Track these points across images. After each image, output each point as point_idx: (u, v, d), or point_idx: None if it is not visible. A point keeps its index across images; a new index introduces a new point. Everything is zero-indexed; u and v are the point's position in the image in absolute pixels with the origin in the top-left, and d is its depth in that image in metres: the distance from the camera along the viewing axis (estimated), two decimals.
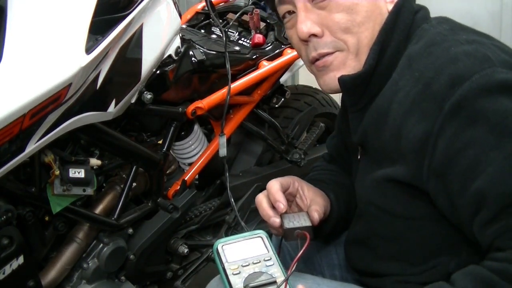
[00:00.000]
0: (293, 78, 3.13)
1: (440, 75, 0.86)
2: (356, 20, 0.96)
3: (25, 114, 1.01)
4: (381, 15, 0.98)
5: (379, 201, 0.99)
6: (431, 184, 0.89)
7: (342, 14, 0.95)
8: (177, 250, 1.62)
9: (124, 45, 1.25)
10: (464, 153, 0.83)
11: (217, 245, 0.96)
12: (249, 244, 0.95)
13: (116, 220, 1.42)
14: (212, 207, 1.75)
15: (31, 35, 1.05)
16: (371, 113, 0.99)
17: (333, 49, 0.98)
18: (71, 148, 1.33)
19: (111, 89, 1.25)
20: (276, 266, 0.91)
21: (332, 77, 1.00)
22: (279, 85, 1.87)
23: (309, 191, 1.08)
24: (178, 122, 1.56)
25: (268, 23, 1.86)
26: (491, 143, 0.81)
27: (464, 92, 0.82)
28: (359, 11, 0.95)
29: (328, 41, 0.98)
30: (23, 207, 1.24)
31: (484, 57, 0.85)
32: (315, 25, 0.97)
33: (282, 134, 1.91)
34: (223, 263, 0.92)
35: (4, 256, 1.17)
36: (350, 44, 0.97)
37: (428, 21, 0.99)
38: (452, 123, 0.84)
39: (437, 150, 0.86)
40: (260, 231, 0.99)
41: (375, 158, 0.99)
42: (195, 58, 1.52)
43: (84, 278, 1.44)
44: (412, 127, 0.88)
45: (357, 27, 0.96)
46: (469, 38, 0.91)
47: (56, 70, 1.06)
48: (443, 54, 0.88)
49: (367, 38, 0.97)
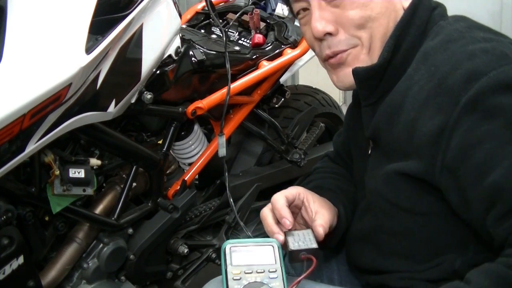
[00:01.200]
0: (293, 78, 3.13)
1: (456, 69, 0.86)
2: (371, 16, 0.96)
3: (25, 114, 1.01)
4: (395, 12, 0.98)
5: (389, 195, 0.98)
6: (443, 178, 0.88)
7: (356, 11, 0.96)
8: (177, 250, 1.62)
9: (124, 45, 1.25)
10: (479, 147, 0.83)
11: (225, 245, 0.93)
12: (258, 251, 0.92)
13: (116, 220, 1.42)
14: (212, 207, 1.75)
15: (31, 35, 1.05)
16: (385, 107, 0.98)
17: (347, 46, 0.99)
18: (71, 148, 1.33)
19: (111, 89, 1.25)
20: (280, 280, 0.88)
21: (347, 73, 1.01)
22: (279, 85, 1.87)
23: (314, 202, 1.06)
24: (178, 122, 1.56)
25: (268, 23, 1.86)
26: (508, 137, 0.81)
27: (481, 87, 0.82)
28: (374, 8, 0.96)
29: (342, 39, 0.98)
30: (23, 207, 1.24)
31: (502, 54, 0.85)
32: (329, 24, 0.98)
33: (282, 134, 1.90)
34: (226, 265, 0.90)
35: (4, 256, 1.17)
36: (364, 40, 0.98)
37: (445, 18, 0.99)
38: (468, 117, 0.83)
39: (451, 144, 0.85)
40: (273, 240, 0.96)
41: (387, 152, 0.99)
42: (195, 58, 1.52)
43: (84, 278, 1.44)
44: (427, 121, 0.88)
45: (371, 22, 0.97)
46: (486, 36, 0.90)
47: (56, 70, 1.06)
48: (460, 50, 0.88)
49: (380, 33, 0.97)
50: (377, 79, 0.99)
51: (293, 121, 2.00)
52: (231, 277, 0.88)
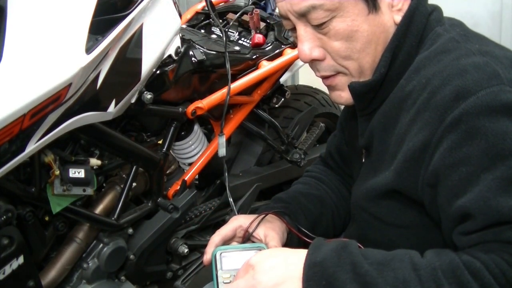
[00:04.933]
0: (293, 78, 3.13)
1: (446, 85, 0.85)
2: (356, 47, 0.94)
3: (25, 114, 1.01)
4: (385, 32, 0.95)
5: (371, 209, 1.00)
6: (425, 193, 0.89)
7: (341, 43, 0.93)
8: (177, 250, 1.62)
9: (124, 45, 1.25)
10: (456, 169, 0.83)
11: (216, 252, 0.98)
12: (247, 256, 0.95)
13: (116, 220, 1.42)
14: (212, 207, 1.75)
15: (31, 35, 1.05)
16: (379, 117, 0.98)
17: (334, 72, 0.98)
18: (71, 148, 1.33)
19: (111, 89, 1.25)
20: None
21: (338, 95, 1.01)
22: (279, 85, 1.87)
23: (260, 227, 1.08)
24: (178, 122, 1.56)
25: (268, 23, 1.86)
26: (484, 164, 0.81)
27: (468, 106, 0.82)
28: (359, 38, 0.93)
29: (330, 64, 0.97)
30: (23, 207, 1.24)
31: (493, 73, 0.84)
32: (315, 49, 0.96)
33: (282, 134, 1.91)
34: (217, 270, 0.95)
35: (4, 256, 1.17)
36: (351, 69, 0.97)
37: (442, 23, 0.97)
38: (451, 136, 0.83)
39: (433, 161, 0.86)
40: (261, 244, 1.01)
41: (375, 163, 0.99)
42: (195, 58, 1.52)
43: (84, 278, 1.44)
44: (413, 136, 0.88)
45: (357, 53, 0.94)
46: (481, 49, 0.89)
47: (56, 70, 1.06)
48: (452, 64, 0.87)
49: (369, 62, 0.96)
50: (373, 92, 0.98)
51: (293, 121, 2.00)
52: (221, 281, 0.93)
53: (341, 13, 0.91)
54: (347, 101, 1.01)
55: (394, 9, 0.95)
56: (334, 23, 0.92)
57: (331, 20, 0.92)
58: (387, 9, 0.95)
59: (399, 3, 0.95)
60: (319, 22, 0.92)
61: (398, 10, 0.95)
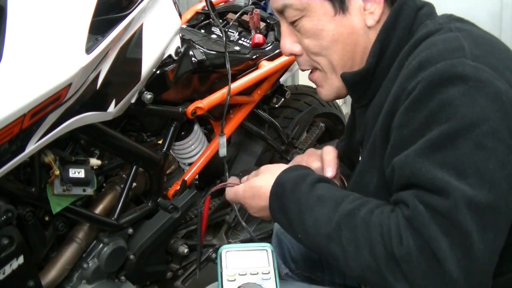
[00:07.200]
0: (293, 78, 3.13)
1: (415, 58, 0.88)
2: (323, 44, 0.99)
3: (25, 114, 1.01)
4: (355, 34, 0.98)
5: None
6: None
7: (310, 40, 1.00)
8: (177, 250, 1.62)
9: (124, 45, 1.25)
10: (400, 131, 0.86)
11: (221, 251, 0.98)
12: (253, 255, 0.97)
13: (116, 220, 1.42)
14: (212, 207, 1.75)
15: (31, 35, 1.05)
16: (372, 109, 1.00)
17: (310, 66, 1.04)
18: (71, 148, 1.33)
19: (111, 89, 1.25)
20: (272, 281, 0.93)
21: (321, 91, 1.07)
22: (279, 85, 1.87)
23: None
24: (178, 122, 1.56)
25: (268, 23, 1.86)
26: (422, 128, 0.82)
27: (425, 75, 0.83)
28: (325, 36, 0.98)
29: (306, 59, 1.04)
30: (23, 207, 1.24)
31: (459, 47, 0.85)
32: (294, 44, 1.03)
33: (282, 134, 1.91)
34: (222, 268, 0.95)
35: (4, 256, 1.17)
36: (323, 65, 1.02)
37: (432, 17, 0.98)
38: (405, 103, 0.85)
39: None
40: (267, 244, 1.01)
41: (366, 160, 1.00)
42: (195, 58, 1.52)
43: (84, 278, 1.44)
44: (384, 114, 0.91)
45: (325, 50, 1.00)
46: (461, 27, 0.90)
47: (56, 70, 1.06)
48: (429, 41, 0.90)
49: (337, 60, 1.00)
50: (365, 82, 1.00)
51: (293, 121, 2.00)
52: (226, 279, 0.94)
53: (309, 13, 0.98)
54: (326, 97, 1.07)
55: (366, 13, 0.98)
56: (303, 21, 0.99)
57: (301, 19, 0.99)
58: (358, 12, 0.98)
59: (371, 7, 0.98)
60: (292, 20, 1.00)
61: (370, 13, 0.98)
